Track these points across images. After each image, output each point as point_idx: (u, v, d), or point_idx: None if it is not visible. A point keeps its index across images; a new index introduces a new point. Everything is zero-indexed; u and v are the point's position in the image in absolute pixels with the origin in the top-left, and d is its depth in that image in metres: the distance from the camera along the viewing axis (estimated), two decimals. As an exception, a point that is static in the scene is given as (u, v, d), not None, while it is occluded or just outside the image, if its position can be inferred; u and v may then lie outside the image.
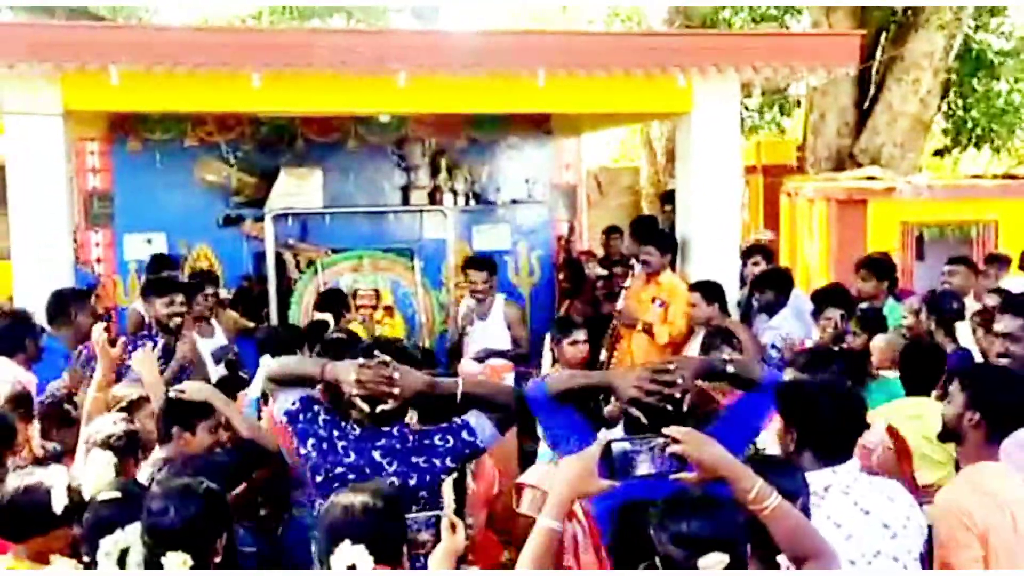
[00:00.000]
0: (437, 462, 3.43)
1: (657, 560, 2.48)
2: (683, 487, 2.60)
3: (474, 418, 3.50)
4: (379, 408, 3.44)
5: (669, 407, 3.17)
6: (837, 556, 2.66)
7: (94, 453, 3.67)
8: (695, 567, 2.38)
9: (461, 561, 3.22)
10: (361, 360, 3.43)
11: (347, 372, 3.41)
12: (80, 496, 3.25)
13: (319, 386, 3.64)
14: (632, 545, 2.79)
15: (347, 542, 2.65)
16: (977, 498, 3.32)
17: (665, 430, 2.70)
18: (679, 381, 3.19)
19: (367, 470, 3.36)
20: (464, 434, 3.48)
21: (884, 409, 4.75)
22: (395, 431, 3.47)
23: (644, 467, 2.68)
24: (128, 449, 3.85)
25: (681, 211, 7.64)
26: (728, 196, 7.34)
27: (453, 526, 3.03)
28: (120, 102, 6.39)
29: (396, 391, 3.39)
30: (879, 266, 7.05)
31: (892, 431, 4.42)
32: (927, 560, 3.27)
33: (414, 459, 3.42)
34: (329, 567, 2.67)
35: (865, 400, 3.52)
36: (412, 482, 3.39)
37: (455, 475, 3.71)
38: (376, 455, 3.41)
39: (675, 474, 2.64)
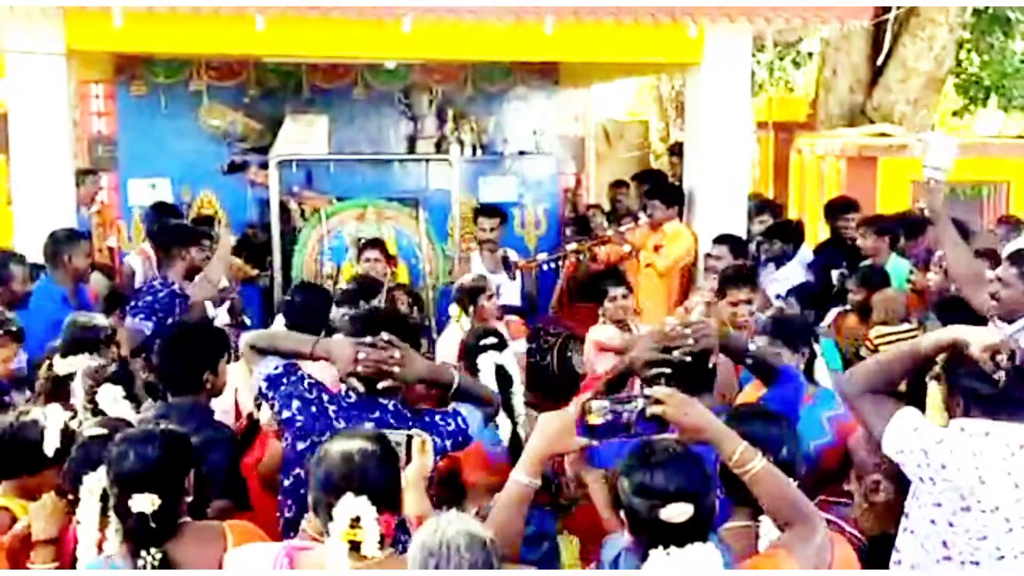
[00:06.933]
0: (439, 440, 3.32)
1: (622, 513, 2.43)
2: (648, 439, 2.54)
3: (465, 409, 3.46)
4: (380, 385, 3.36)
5: (688, 359, 3.13)
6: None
7: (104, 388, 3.63)
8: (658, 518, 2.32)
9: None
10: (365, 340, 3.35)
11: (343, 351, 3.34)
12: (75, 436, 3.19)
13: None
14: None
15: (349, 495, 2.53)
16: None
17: (648, 391, 2.67)
18: (693, 340, 3.15)
19: None
20: (459, 421, 3.42)
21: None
22: (390, 405, 3.39)
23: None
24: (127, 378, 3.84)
25: (689, 164, 7.56)
26: (736, 150, 7.25)
27: (423, 444, 3.01)
28: (123, 43, 6.31)
29: (397, 372, 3.33)
30: (880, 224, 6.99)
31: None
32: None
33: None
34: (331, 519, 2.55)
35: None
36: None
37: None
38: (370, 426, 3.28)
39: (656, 436, 2.58)
